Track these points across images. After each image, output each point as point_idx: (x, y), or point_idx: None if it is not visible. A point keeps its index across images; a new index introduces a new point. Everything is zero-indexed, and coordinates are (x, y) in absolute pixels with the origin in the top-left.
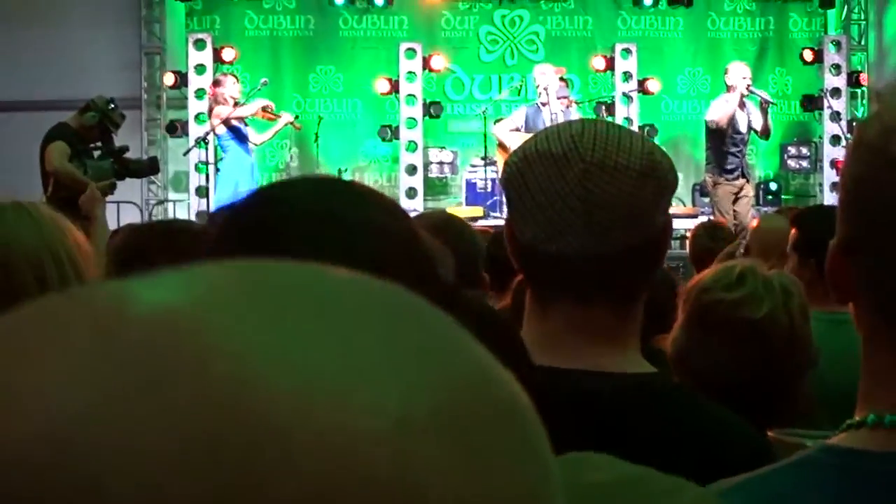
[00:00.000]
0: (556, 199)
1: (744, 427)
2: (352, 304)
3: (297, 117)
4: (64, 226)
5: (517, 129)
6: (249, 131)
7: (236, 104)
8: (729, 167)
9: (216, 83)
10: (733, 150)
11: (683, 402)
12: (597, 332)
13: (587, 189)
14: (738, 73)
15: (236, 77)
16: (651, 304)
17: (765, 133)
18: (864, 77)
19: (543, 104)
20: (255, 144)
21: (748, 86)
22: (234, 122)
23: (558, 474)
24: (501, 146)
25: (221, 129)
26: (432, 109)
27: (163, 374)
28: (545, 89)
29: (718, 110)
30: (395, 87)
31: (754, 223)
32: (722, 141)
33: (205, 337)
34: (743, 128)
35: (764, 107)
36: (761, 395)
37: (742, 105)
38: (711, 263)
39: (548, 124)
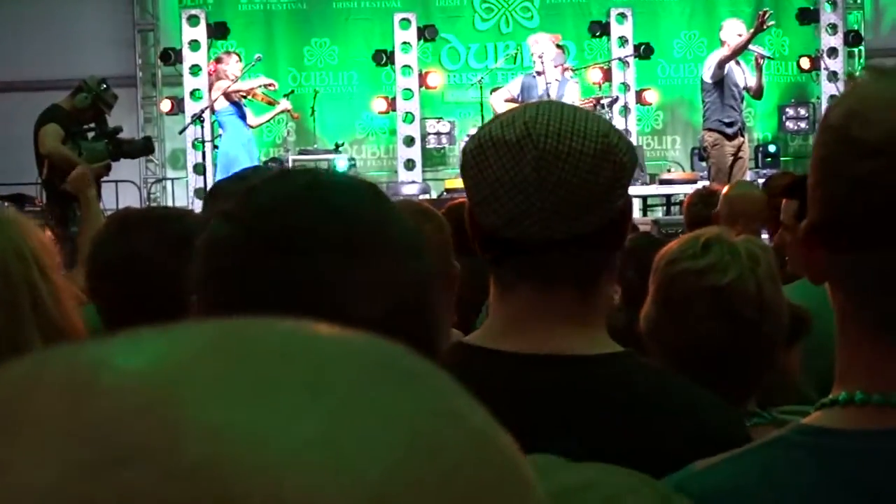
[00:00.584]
0: (511, 187)
1: (716, 404)
2: (340, 375)
3: (291, 92)
4: (27, 226)
5: (513, 99)
6: (247, 112)
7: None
8: (728, 121)
9: (218, 60)
10: (732, 102)
11: (652, 381)
12: (560, 314)
13: (542, 176)
14: (734, 29)
15: (239, 55)
16: (642, 271)
17: (758, 92)
18: (860, 36)
19: (539, 73)
20: (251, 127)
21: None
22: (235, 98)
23: None
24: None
25: (221, 104)
26: (428, 80)
27: (129, 453)
28: (540, 58)
29: (713, 56)
30: (390, 59)
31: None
32: (721, 93)
33: (178, 411)
34: (741, 82)
35: (759, 63)
36: (736, 367)
37: (737, 62)
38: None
39: (542, 94)
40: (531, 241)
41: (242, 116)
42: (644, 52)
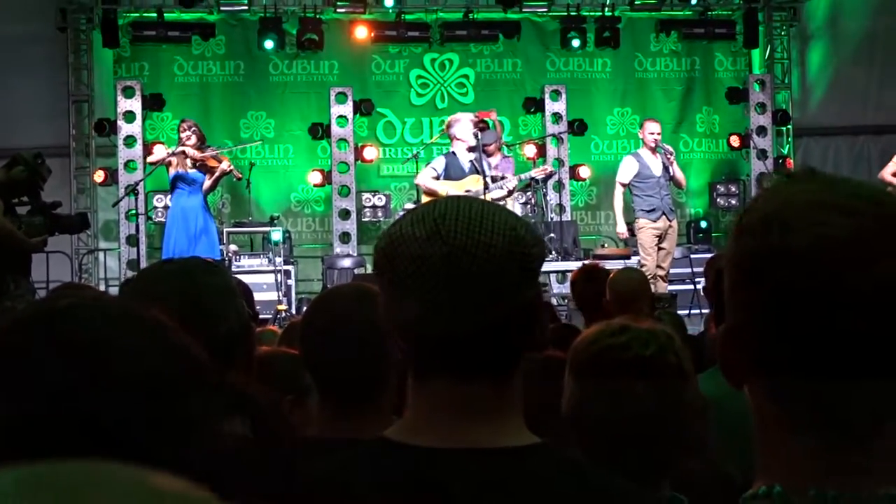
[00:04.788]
0: (423, 282)
1: (633, 494)
2: None
3: (229, 160)
4: None
5: (438, 177)
6: (205, 180)
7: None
8: (647, 208)
9: (180, 129)
10: (649, 192)
11: (568, 473)
12: (474, 407)
13: (451, 270)
14: (648, 129)
15: (190, 124)
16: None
17: (676, 184)
18: (788, 115)
19: (470, 149)
20: (205, 193)
21: (656, 140)
22: (174, 170)
23: None
24: (428, 193)
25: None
26: (364, 153)
27: None
28: (457, 139)
29: (620, 173)
30: (326, 132)
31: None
32: (638, 187)
33: None
34: (656, 172)
35: (669, 159)
36: (660, 440)
37: (654, 152)
38: (596, 305)
39: (466, 169)
40: (442, 336)
41: (174, 188)
42: (578, 128)
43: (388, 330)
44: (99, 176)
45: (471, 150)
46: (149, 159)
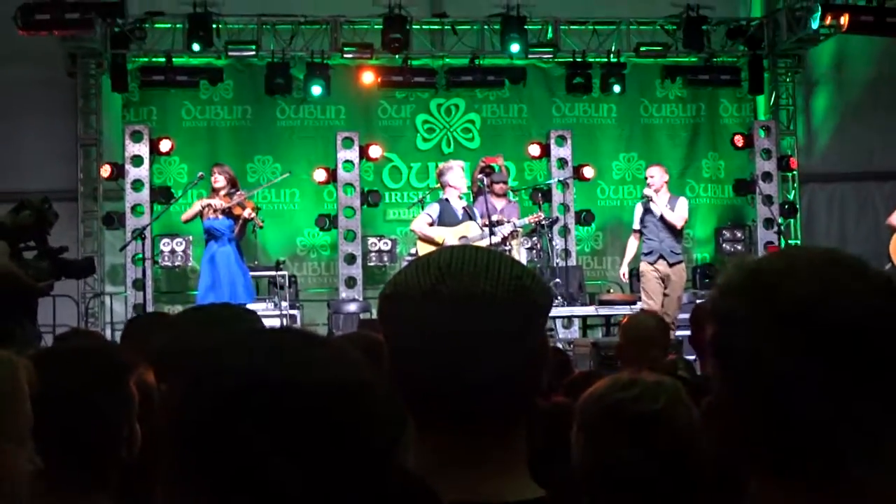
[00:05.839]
0: (428, 332)
1: None
2: None
3: (257, 210)
4: None
5: (433, 223)
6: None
7: (226, 195)
8: (647, 251)
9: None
10: (650, 235)
11: None
12: (478, 459)
13: (456, 321)
14: (648, 172)
15: (221, 169)
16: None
17: (668, 226)
18: (793, 161)
19: (479, 193)
20: (236, 240)
21: (648, 185)
22: (206, 219)
23: None
24: (425, 239)
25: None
26: (370, 198)
27: None
28: (450, 186)
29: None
30: (332, 177)
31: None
32: (641, 232)
33: None
34: (655, 216)
35: (652, 201)
36: (676, 493)
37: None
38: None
39: (460, 215)
40: (447, 387)
41: (210, 233)
42: (583, 173)
43: (391, 380)
44: (106, 220)
45: (477, 193)
46: (183, 217)
